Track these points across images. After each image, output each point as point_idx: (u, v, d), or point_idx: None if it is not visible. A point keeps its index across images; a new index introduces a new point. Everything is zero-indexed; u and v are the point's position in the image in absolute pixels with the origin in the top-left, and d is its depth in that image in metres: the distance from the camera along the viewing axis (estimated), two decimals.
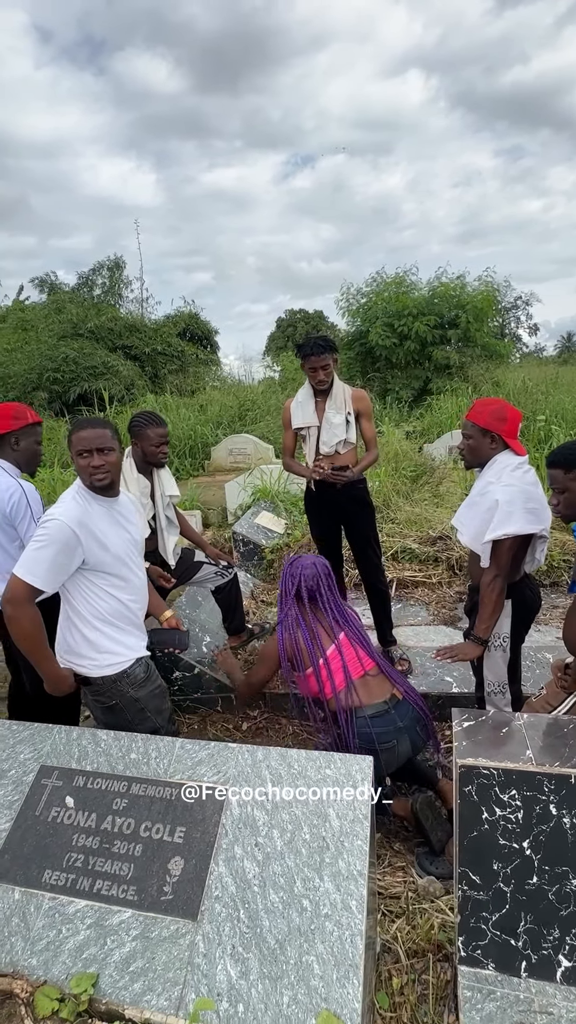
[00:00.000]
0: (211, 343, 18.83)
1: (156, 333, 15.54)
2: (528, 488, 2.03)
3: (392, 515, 5.20)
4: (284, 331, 32.42)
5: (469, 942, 1.42)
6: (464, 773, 1.34)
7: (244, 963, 1.30)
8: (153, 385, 13.84)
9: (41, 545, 1.67)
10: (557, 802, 1.30)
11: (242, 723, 2.96)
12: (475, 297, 11.60)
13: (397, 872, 2.04)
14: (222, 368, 17.50)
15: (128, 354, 14.42)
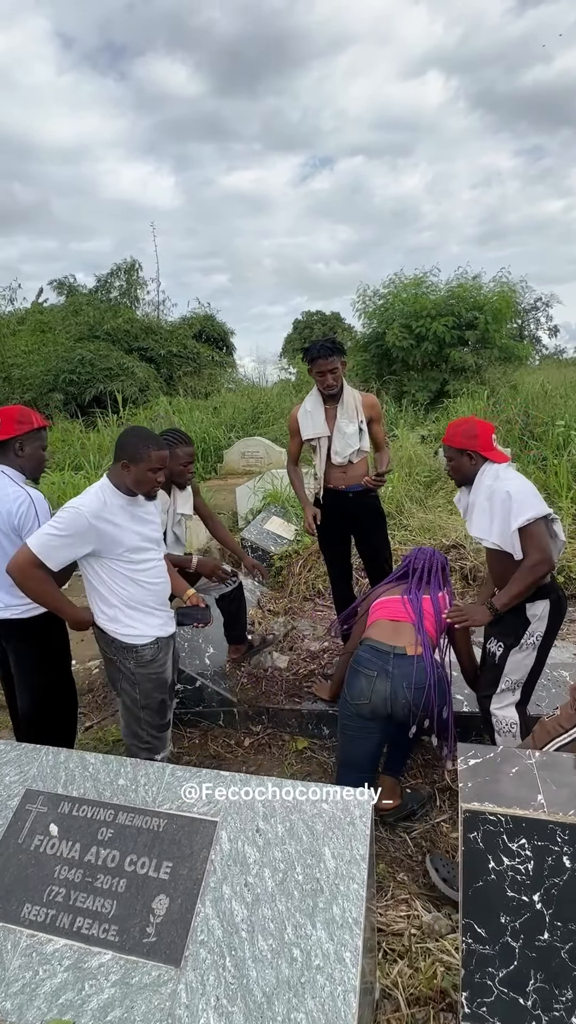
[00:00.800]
0: (227, 345, 18.84)
1: (172, 335, 15.59)
2: (525, 480, 2.20)
3: (405, 522, 5.09)
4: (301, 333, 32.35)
5: (474, 998, 1.31)
6: (469, 818, 1.24)
7: (228, 1018, 1.21)
8: (167, 387, 13.87)
9: (56, 529, 1.86)
10: (571, 854, 1.18)
11: (244, 739, 2.88)
12: (492, 298, 11.39)
13: (400, 906, 1.93)
14: (237, 370, 17.48)
15: (144, 356, 14.47)
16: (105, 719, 3.15)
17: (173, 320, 18.00)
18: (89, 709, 3.24)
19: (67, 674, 2.40)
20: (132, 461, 1.93)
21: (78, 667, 3.54)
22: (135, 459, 1.93)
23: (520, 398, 8.77)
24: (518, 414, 7.89)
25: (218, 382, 15.16)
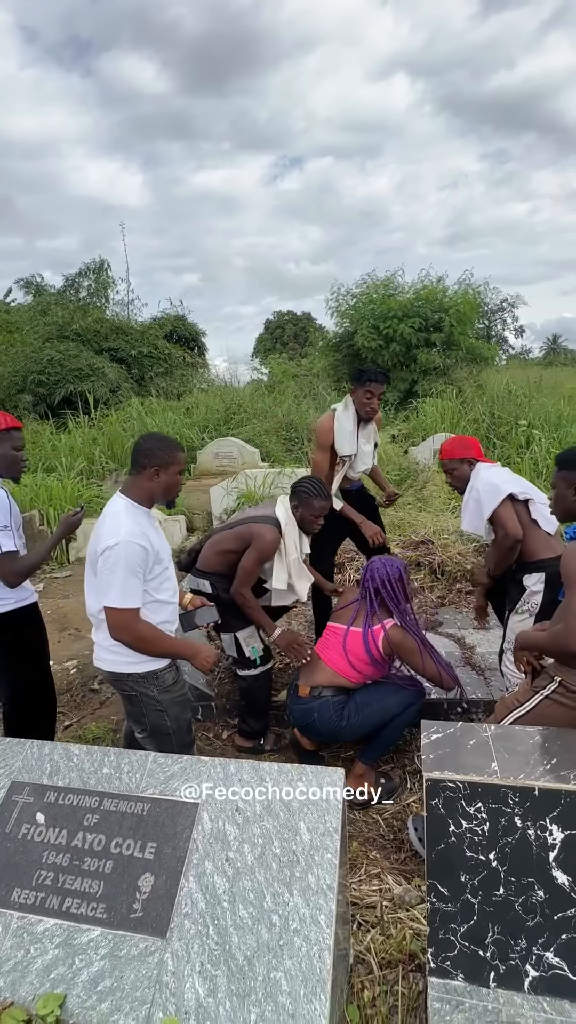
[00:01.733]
0: (198, 345, 18.80)
1: (142, 335, 15.49)
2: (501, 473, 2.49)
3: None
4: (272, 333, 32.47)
5: (439, 953, 1.43)
6: (431, 786, 1.35)
7: (212, 980, 1.30)
8: (139, 388, 13.79)
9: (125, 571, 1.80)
10: (522, 814, 1.31)
11: (222, 731, 2.96)
12: (457, 301, 11.69)
13: (373, 880, 2.04)
14: (209, 371, 17.47)
15: (114, 356, 14.35)
16: (83, 718, 3.19)
17: (144, 320, 17.87)
18: (67, 708, 3.28)
19: (46, 670, 2.45)
20: (164, 466, 1.90)
21: (56, 667, 3.57)
22: (167, 464, 1.90)
23: (486, 398, 9.04)
24: (484, 414, 8.14)
25: (190, 383, 15.13)
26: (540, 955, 1.36)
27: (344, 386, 12.33)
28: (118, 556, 1.79)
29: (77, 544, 5.74)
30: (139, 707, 1.98)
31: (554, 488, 2.00)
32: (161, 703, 1.97)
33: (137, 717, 2.01)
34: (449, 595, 4.13)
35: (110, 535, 1.83)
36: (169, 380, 14.63)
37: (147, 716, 1.98)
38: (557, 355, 26.63)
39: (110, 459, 8.63)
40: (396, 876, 2.07)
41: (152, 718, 1.99)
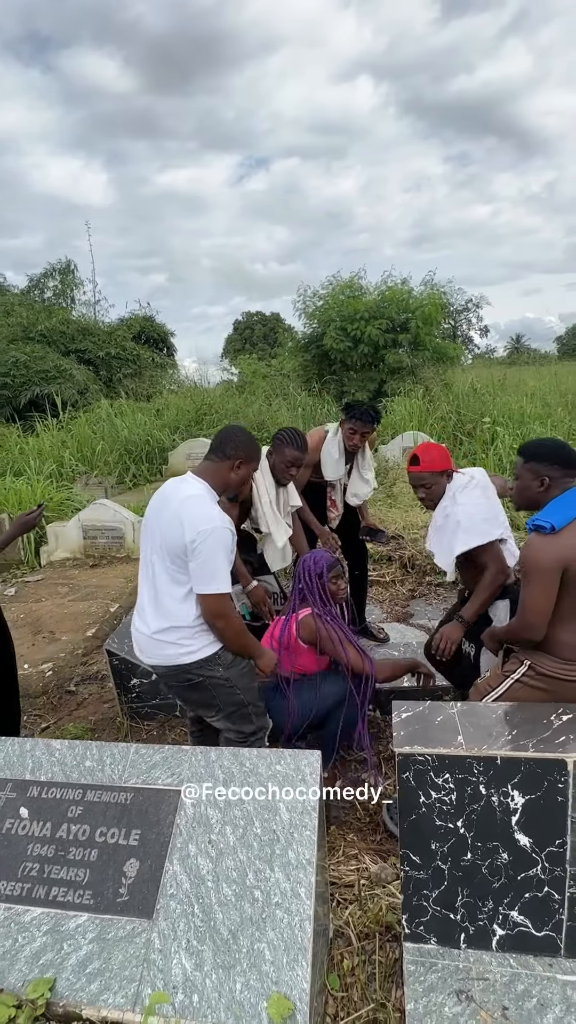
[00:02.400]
0: (167, 346, 18.69)
1: (110, 336, 15.32)
2: (480, 503, 2.32)
3: None
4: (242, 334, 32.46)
5: (412, 919, 1.52)
6: (402, 761, 1.44)
7: (198, 955, 1.35)
8: (108, 390, 13.65)
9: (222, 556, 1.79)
10: (486, 782, 1.40)
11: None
12: (423, 302, 11.94)
13: (351, 861, 2.12)
14: (179, 371, 17.39)
15: (81, 358, 14.17)
16: (61, 719, 3.19)
17: (111, 321, 17.67)
18: (44, 711, 3.27)
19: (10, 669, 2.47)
20: (247, 461, 1.90)
21: (31, 670, 3.56)
22: (251, 459, 1.91)
23: (452, 396, 9.26)
24: (451, 412, 8.35)
25: (160, 384, 15.05)
26: (506, 914, 1.46)
27: (314, 386, 12.46)
28: (217, 541, 1.76)
29: (49, 548, 5.69)
30: (207, 692, 1.94)
31: (518, 479, 1.91)
32: (230, 679, 1.95)
33: (207, 702, 1.97)
34: (419, 588, 4.25)
35: (204, 519, 1.76)
36: (138, 381, 14.52)
37: (218, 698, 1.95)
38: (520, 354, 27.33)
39: (80, 461, 8.55)
40: (372, 856, 2.15)
41: (224, 697, 1.95)
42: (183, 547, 1.78)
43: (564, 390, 9.36)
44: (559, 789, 1.38)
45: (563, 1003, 1.37)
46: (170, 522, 1.81)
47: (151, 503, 1.96)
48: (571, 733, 1.44)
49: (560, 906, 1.43)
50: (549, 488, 1.80)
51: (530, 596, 1.73)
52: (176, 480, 1.94)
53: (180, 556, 1.80)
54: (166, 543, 1.82)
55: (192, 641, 1.88)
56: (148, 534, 1.93)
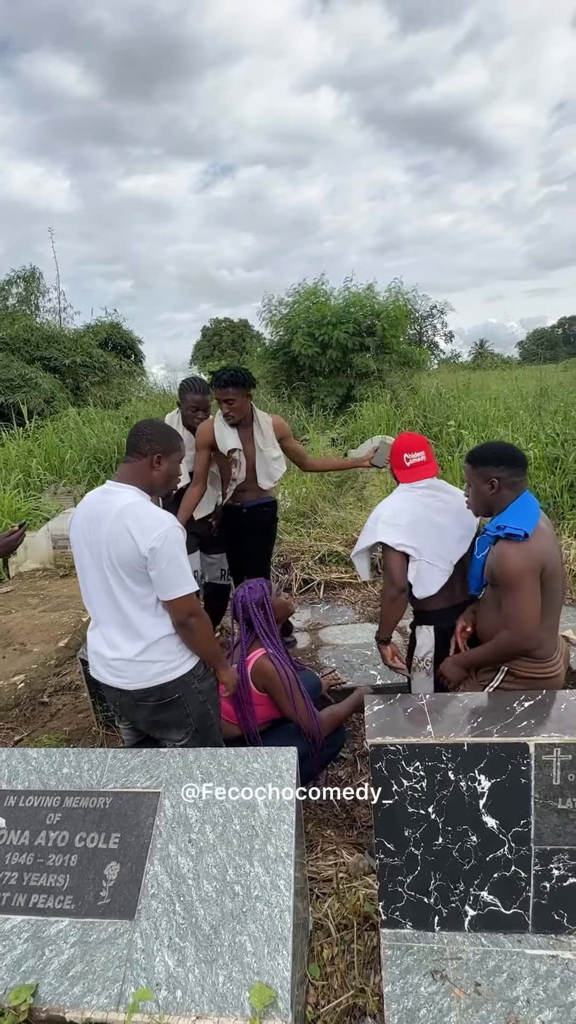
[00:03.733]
0: (135, 353, 18.53)
1: (76, 344, 15.12)
2: (398, 505, 2.11)
3: (319, 520, 5.40)
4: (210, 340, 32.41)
5: (389, 905, 1.57)
6: (374, 751, 1.49)
7: (181, 952, 1.38)
8: (75, 397, 13.47)
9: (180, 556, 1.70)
10: (454, 768, 1.47)
11: None
12: (388, 307, 12.18)
13: (328, 856, 2.17)
14: (147, 378, 17.26)
15: (47, 366, 13.94)
16: (35, 731, 3.15)
17: (77, 328, 17.43)
18: (17, 723, 3.23)
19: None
20: (167, 453, 1.79)
21: (2, 683, 3.50)
22: (170, 451, 1.79)
23: (418, 400, 9.46)
24: (417, 416, 8.53)
25: (128, 391, 14.91)
26: (476, 895, 1.53)
27: (283, 392, 12.55)
28: (174, 541, 1.68)
29: (17, 558, 5.59)
30: (181, 709, 1.84)
31: (469, 486, 1.92)
32: (203, 692, 1.88)
33: (178, 721, 1.86)
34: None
35: (154, 524, 1.67)
36: (106, 389, 14.37)
37: (191, 715, 1.86)
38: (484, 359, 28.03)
39: (48, 471, 8.42)
40: (350, 850, 2.20)
41: (196, 714, 1.87)
42: (140, 560, 1.67)
43: (525, 393, 9.67)
44: (522, 771, 1.46)
45: (531, 976, 1.44)
46: (116, 538, 1.68)
47: (76, 524, 1.80)
48: (532, 718, 1.52)
49: (527, 884, 1.51)
50: (500, 489, 1.83)
51: (523, 603, 1.70)
52: (98, 492, 1.79)
53: (138, 570, 1.69)
54: (120, 561, 1.69)
55: (173, 656, 1.81)
56: (89, 554, 1.76)
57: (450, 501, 2.16)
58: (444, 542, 2.08)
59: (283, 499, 5.61)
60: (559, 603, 1.87)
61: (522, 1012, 1.37)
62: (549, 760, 1.45)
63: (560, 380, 11.32)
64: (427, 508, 2.12)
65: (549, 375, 12.85)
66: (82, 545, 1.78)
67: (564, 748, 1.44)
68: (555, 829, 1.47)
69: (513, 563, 1.70)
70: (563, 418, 7.48)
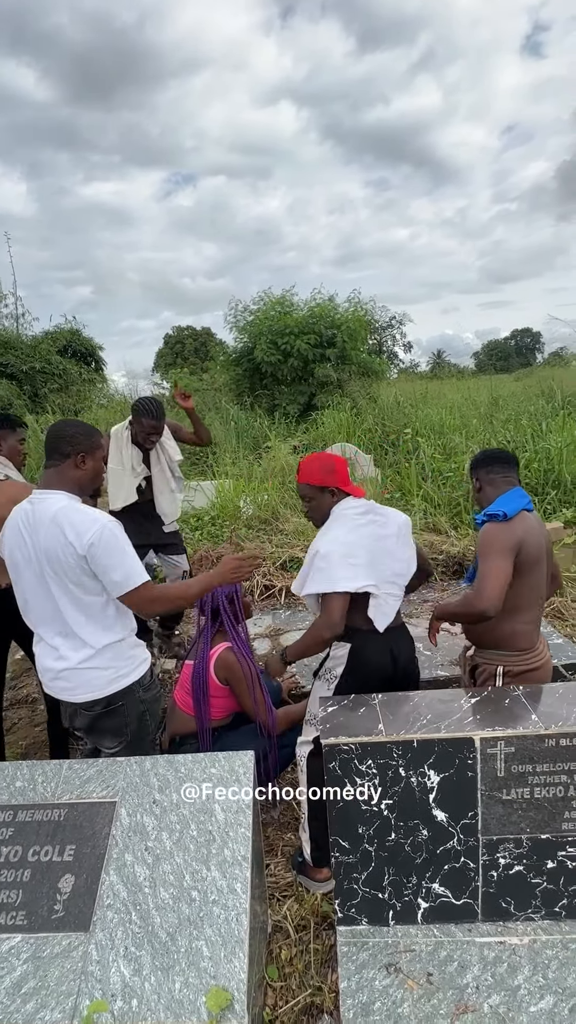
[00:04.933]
0: (96, 360, 18.22)
1: (34, 350, 14.78)
2: (352, 541, 1.91)
3: (280, 527, 5.43)
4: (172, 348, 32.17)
5: (344, 903, 1.60)
6: (328, 752, 1.52)
7: (137, 961, 1.36)
8: (33, 404, 13.15)
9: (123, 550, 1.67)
10: (405, 765, 1.51)
11: None
12: (348, 318, 12.39)
13: (288, 860, 2.18)
14: (108, 386, 16.99)
15: (3, 372, 13.58)
16: None
17: (35, 334, 17.03)
18: None
19: None
20: (89, 452, 1.75)
21: None
22: (92, 449, 1.75)
23: (377, 409, 9.63)
24: (376, 424, 8.69)
25: (89, 398, 14.65)
26: (428, 887, 1.57)
27: (246, 400, 12.57)
28: (113, 537, 1.65)
29: None
30: (121, 717, 1.82)
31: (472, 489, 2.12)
32: (145, 702, 1.86)
33: (117, 729, 1.83)
34: None
35: (87, 524, 1.63)
36: (66, 396, 14.08)
37: (130, 724, 1.84)
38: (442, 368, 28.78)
39: None
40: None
41: (135, 722, 1.85)
42: (80, 561, 1.64)
43: (479, 403, 9.98)
44: (469, 765, 1.51)
45: (480, 963, 1.48)
46: (52, 544, 1.64)
47: (9, 538, 1.75)
48: (478, 714, 1.57)
49: (475, 874, 1.56)
50: (483, 486, 2.01)
51: (489, 568, 1.79)
52: (25, 504, 1.74)
53: (80, 574, 1.66)
54: (59, 568, 1.65)
55: (122, 664, 1.79)
56: (26, 568, 1.72)
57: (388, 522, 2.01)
58: (396, 565, 1.97)
59: (244, 505, 5.61)
60: (540, 597, 1.96)
61: (471, 998, 1.42)
62: (494, 753, 1.51)
63: (512, 390, 11.73)
64: (372, 536, 1.95)
65: (501, 385, 13.30)
66: (17, 559, 1.73)
67: (507, 741, 1.50)
68: (500, 819, 1.53)
69: (489, 535, 1.84)
70: (514, 427, 7.76)
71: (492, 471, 2.01)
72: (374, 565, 1.91)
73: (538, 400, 9.24)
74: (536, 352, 45.41)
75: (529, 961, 1.48)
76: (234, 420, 10.58)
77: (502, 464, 2.02)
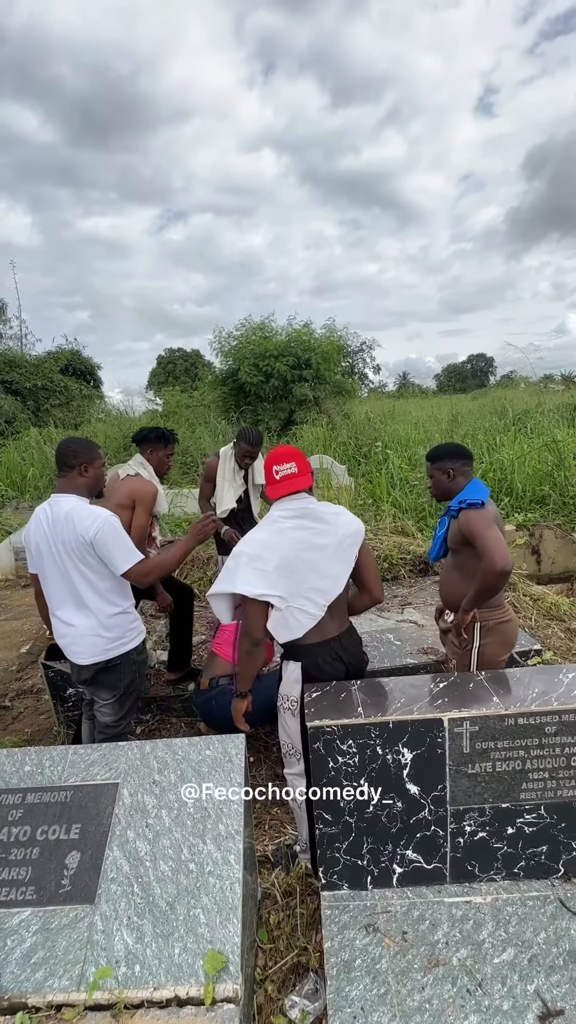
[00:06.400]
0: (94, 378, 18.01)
1: (37, 368, 14.57)
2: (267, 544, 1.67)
3: None
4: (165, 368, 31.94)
5: (328, 870, 1.59)
6: (313, 733, 1.52)
7: (139, 929, 1.34)
8: (36, 419, 12.94)
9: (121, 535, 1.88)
10: (381, 744, 1.52)
11: (136, 727, 2.92)
12: (322, 343, 12.48)
13: (276, 833, 2.17)
14: (105, 402, 16.81)
15: (8, 389, 13.34)
16: None
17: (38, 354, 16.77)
18: None
19: None
20: (89, 462, 1.95)
21: None
22: (92, 459, 1.96)
23: (350, 424, 9.71)
24: (350, 438, 8.75)
25: (88, 413, 14.48)
26: (403, 854, 1.58)
27: (232, 415, 12.54)
28: (113, 526, 1.86)
29: None
30: (117, 675, 2.02)
31: (431, 478, 2.10)
32: (137, 664, 2.07)
33: (113, 683, 2.02)
34: None
35: (92, 517, 1.86)
36: (66, 411, 13.90)
37: (123, 679, 2.03)
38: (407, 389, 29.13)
39: (9, 487, 8.03)
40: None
41: (127, 679, 2.04)
42: (88, 546, 1.86)
43: (440, 419, 10.14)
44: (438, 743, 1.53)
45: (449, 921, 1.49)
46: (68, 534, 1.87)
47: (35, 528, 1.94)
48: (446, 696, 1.59)
49: (444, 841, 1.57)
50: (455, 477, 2.05)
51: (492, 540, 1.82)
52: (45, 505, 1.96)
53: (89, 556, 1.88)
54: (73, 553, 1.88)
55: (123, 633, 1.99)
56: (48, 551, 1.91)
57: (328, 532, 1.69)
58: (319, 581, 1.67)
59: None
60: None
61: (442, 953, 1.42)
62: (460, 732, 1.52)
63: (469, 408, 11.95)
64: (298, 543, 1.67)
65: (460, 404, 13.53)
66: (41, 545, 1.94)
67: (472, 720, 1.52)
68: (466, 791, 1.54)
69: (478, 518, 1.89)
70: (471, 440, 7.89)
71: (466, 464, 2.08)
72: (287, 574, 1.64)
73: (492, 417, 9.43)
74: (489, 375, 46.28)
75: (492, 918, 1.49)
76: (222, 434, 10.57)
77: (468, 458, 2.11)
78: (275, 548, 1.66)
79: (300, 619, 1.69)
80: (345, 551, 1.72)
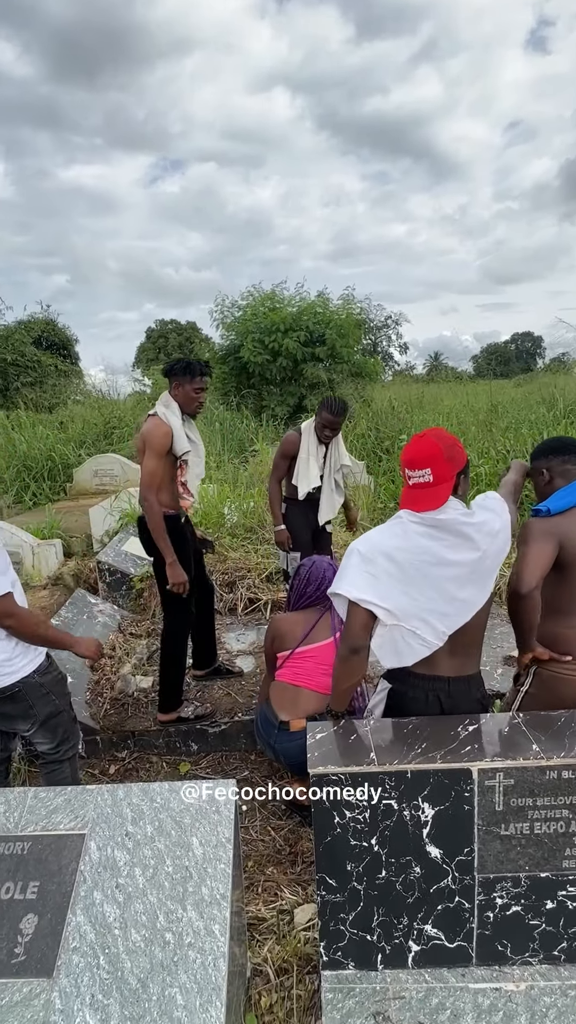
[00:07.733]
0: (70, 353, 18.14)
1: (6, 341, 14.71)
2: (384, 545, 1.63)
3: (266, 536, 5.41)
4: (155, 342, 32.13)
5: (330, 946, 1.58)
6: (316, 781, 1.50)
7: (104, 1010, 1.33)
8: (4, 399, 13.04)
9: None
10: (397, 797, 1.50)
11: (109, 766, 2.93)
12: (339, 316, 12.47)
13: (271, 898, 2.16)
14: (85, 381, 16.91)
15: None
16: None
17: (8, 324, 16.91)
18: None
19: None
20: None
21: None
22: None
23: (371, 412, 9.69)
24: (370, 429, 8.74)
25: (64, 394, 14.56)
26: (420, 929, 1.56)
27: (232, 400, 12.57)
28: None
29: None
30: (23, 702, 2.07)
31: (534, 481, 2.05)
32: (44, 686, 2.10)
33: (23, 713, 2.08)
34: None
35: None
36: (39, 391, 13.99)
37: (35, 707, 2.08)
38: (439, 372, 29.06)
39: None
40: (293, 888, 2.20)
41: (40, 706, 2.09)
42: None
43: (477, 409, 10.09)
44: (465, 798, 1.51)
45: (474, 1011, 1.47)
46: None
47: None
48: (475, 742, 1.57)
49: (470, 915, 1.55)
50: (553, 478, 1.97)
51: (522, 552, 1.80)
52: None
53: None
54: None
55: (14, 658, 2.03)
56: None
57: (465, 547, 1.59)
58: (442, 604, 1.59)
59: (228, 512, 5.59)
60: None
61: None
62: (492, 785, 1.50)
63: (512, 396, 11.88)
64: (422, 553, 1.59)
65: (501, 391, 13.46)
66: None
67: (506, 772, 1.50)
68: (498, 856, 1.52)
69: (527, 528, 1.85)
70: (514, 435, 7.84)
71: (568, 461, 1.94)
72: (402, 587, 1.58)
73: (539, 408, 9.36)
74: (537, 357, 46.11)
75: (526, 1009, 1.47)
76: (219, 421, 10.58)
77: (573, 453, 1.95)
78: (393, 551, 1.60)
79: (412, 644, 1.63)
80: (483, 574, 1.61)
